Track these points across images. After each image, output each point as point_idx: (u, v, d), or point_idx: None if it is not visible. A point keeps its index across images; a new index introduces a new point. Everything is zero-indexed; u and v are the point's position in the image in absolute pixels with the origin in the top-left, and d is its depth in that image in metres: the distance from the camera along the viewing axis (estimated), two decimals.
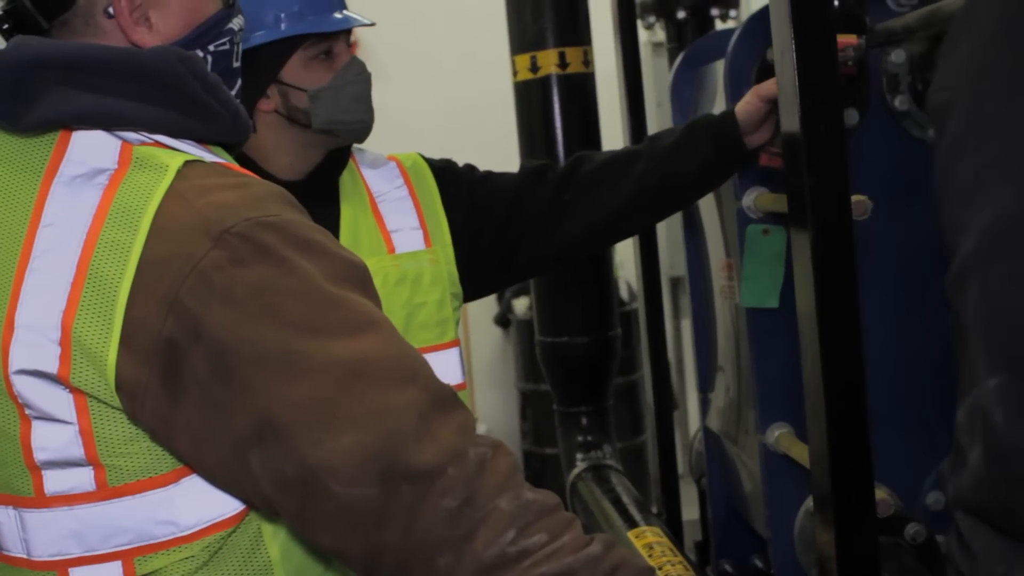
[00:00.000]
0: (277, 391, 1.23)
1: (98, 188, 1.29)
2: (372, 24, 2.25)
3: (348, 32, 2.22)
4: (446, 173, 2.33)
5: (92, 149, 1.33)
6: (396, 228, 2.23)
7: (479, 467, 1.25)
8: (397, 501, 1.22)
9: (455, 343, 2.26)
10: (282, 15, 2.15)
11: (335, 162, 2.23)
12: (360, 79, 2.19)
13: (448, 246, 2.26)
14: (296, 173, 2.20)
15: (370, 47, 6.16)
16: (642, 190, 2.30)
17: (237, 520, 1.35)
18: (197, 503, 1.32)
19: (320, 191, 2.21)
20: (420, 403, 1.25)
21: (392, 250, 2.21)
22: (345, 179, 2.25)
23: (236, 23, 1.51)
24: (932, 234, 2.29)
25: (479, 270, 2.31)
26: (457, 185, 2.32)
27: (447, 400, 1.28)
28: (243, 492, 1.32)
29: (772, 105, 2.16)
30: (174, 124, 1.35)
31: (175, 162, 1.30)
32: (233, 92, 1.51)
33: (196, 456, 1.29)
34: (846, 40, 2.07)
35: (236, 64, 1.52)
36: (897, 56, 2.24)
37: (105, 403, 1.27)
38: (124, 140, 1.33)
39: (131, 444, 1.29)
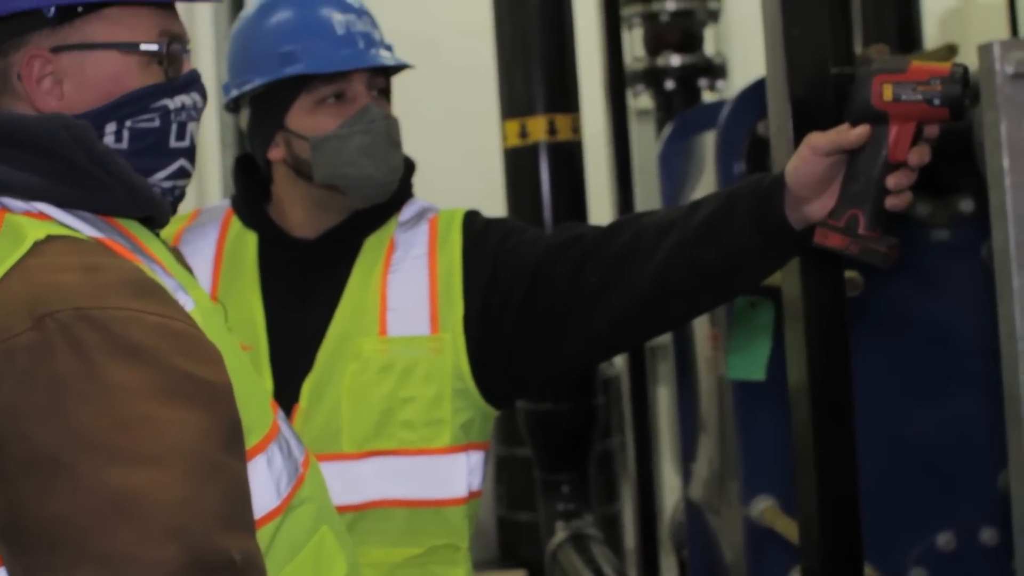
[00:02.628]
0: (32, 499, 1.14)
1: None
2: (404, 67, 1.97)
3: (374, 72, 1.92)
4: (476, 241, 1.92)
5: None
6: (396, 306, 1.90)
7: None
8: None
9: (451, 449, 1.88)
10: (276, 55, 1.91)
11: (358, 223, 1.95)
12: (372, 128, 1.88)
13: (460, 335, 1.87)
14: (310, 231, 1.94)
15: None
16: (667, 275, 1.75)
17: None
18: None
19: (334, 253, 1.94)
20: (173, 565, 1.13)
21: (383, 332, 1.88)
22: (373, 239, 1.95)
23: (176, 102, 1.44)
24: (922, 313, 2.33)
25: (497, 368, 1.89)
26: (482, 257, 1.90)
27: (216, 568, 1.16)
28: None
29: (833, 162, 1.62)
30: (51, 192, 1.30)
31: (35, 234, 1.25)
32: (170, 170, 1.44)
33: None
34: (933, 69, 1.61)
35: (177, 144, 1.44)
36: None
37: None
38: (2, 206, 1.29)
39: None
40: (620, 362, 4.06)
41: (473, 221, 1.96)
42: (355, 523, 1.83)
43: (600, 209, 2.90)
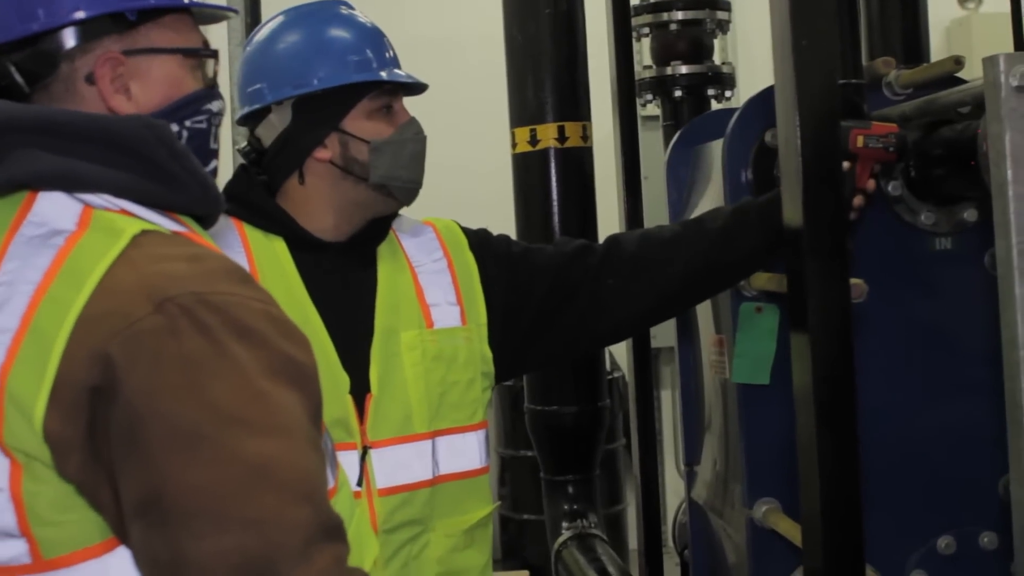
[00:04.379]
0: (175, 471, 1.20)
1: (53, 248, 1.29)
2: (426, 88, 2.18)
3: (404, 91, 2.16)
4: (484, 247, 2.24)
5: (53, 211, 1.33)
6: (435, 302, 2.15)
7: None
8: None
9: (483, 425, 2.17)
10: (349, 62, 2.07)
11: (375, 231, 2.15)
12: (419, 139, 2.13)
13: (483, 325, 2.18)
14: (338, 234, 2.11)
15: None
16: (690, 275, 2.25)
17: None
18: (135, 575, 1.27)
19: (359, 256, 2.13)
20: (310, 525, 1.22)
21: (431, 324, 2.13)
22: (384, 246, 2.17)
23: (216, 105, 1.53)
24: (925, 320, 2.37)
25: (514, 349, 2.22)
26: (496, 260, 2.23)
27: (333, 530, 1.26)
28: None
29: None
30: (138, 189, 1.35)
31: (132, 228, 1.30)
32: (209, 170, 1.51)
33: (116, 514, 1.26)
34: (888, 127, 2.18)
35: (214, 145, 1.53)
36: None
37: (37, 460, 1.24)
38: (87, 204, 1.33)
39: (60, 514, 1.26)
40: (624, 364, 4.08)
41: (469, 231, 2.27)
42: (432, 496, 2.07)
43: (609, 215, 2.93)
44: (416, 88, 2.16)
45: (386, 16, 6.66)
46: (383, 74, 2.08)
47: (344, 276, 2.11)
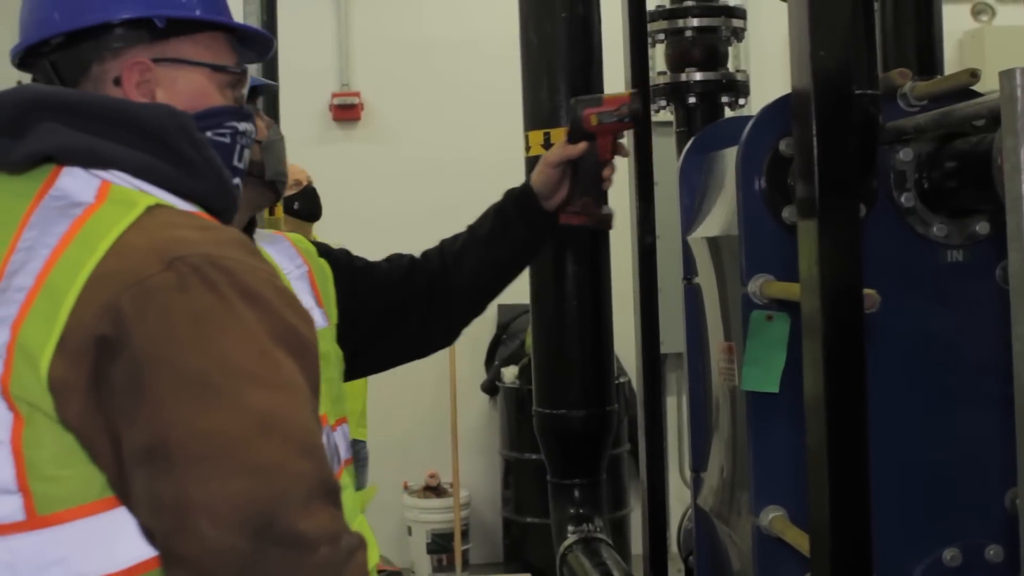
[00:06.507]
0: (183, 416, 1.24)
1: (70, 217, 1.35)
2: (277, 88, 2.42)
3: None
4: (330, 255, 2.42)
5: (74, 185, 1.40)
6: (308, 306, 2.23)
7: (349, 555, 1.27)
8: (266, 564, 1.22)
9: (347, 419, 2.31)
10: None
11: (250, 232, 2.24)
12: (281, 137, 2.26)
13: (335, 326, 2.33)
14: None
15: (380, 113, 6.23)
16: (478, 281, 2.55)
17: None
18: (131, 537, 1.30)
19: None
20: (312, 479, 1.26)
21: None
22: None
23: (243, 126, 1.62)
24: (936, 331, 2.37)
25: (351, 353, 2.36)
26: (341, 270, 2.41)
27: (331, 492, 1.30)
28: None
29: (562, 169, 2.48)
30: (156, 171, 1.42)
31: (146, 200, 1.38)
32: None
33: (115, 468, 1.29)
34: (619, 98, 2.46)
35: (237, 163, 1.62)
36: (905, 154, 2.31)
37: (39, 410, 1.28)
38: (105, 180, 1.40)
39: (60, 468, 1.29)
40: (631, 370, 4.08)
41: (314, 242, 2.47)
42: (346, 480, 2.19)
43: (620, 220, 2.92)
44: (270, 91, 2.39)
45: (401, 17, 6.66)
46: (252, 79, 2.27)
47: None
